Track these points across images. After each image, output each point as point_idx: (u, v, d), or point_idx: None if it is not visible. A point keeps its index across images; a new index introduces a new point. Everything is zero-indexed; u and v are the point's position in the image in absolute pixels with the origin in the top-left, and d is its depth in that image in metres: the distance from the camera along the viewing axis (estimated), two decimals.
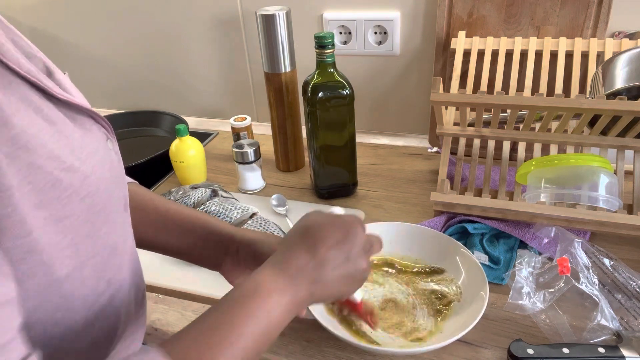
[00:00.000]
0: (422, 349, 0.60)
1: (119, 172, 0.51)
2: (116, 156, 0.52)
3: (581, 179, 0.74)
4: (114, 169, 0.49)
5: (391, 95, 1.15)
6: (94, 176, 0.43)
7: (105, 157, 0.47)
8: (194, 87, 1.32)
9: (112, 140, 0.51)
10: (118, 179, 0.50)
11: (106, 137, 0.50)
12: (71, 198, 0.41)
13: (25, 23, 1.40)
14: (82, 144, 0.43)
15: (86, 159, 0.43)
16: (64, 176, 0.40)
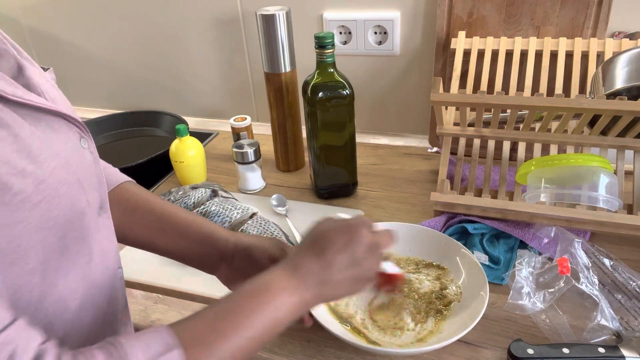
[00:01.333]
0: (422, 349, 0.60)
1: (92, 172, 0.51)
2: (91, 155, 0.51)
3: (581, 179, 0.74)
4: (84, 170, 0.48)
5: (391, 95, 1.15)
6: (52, 179, 0.42)
7: (72, 158, 0.46)
8: (194, 87, 1.32)
9: (86, 139, 0.51)
10: (91, 179, 0.50)
11: (79, 136, 0.49)
12: (23, 203, 0.40)
13: (25, 23, 1.40)
14: (42, 147, 0.42)
15: (44, 162, 0.42)
16: (15, 181, 0.39)
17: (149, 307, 0.75)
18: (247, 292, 0.49)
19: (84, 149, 0.50)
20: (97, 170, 0.52)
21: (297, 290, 0.50)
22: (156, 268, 0.80)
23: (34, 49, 1.44)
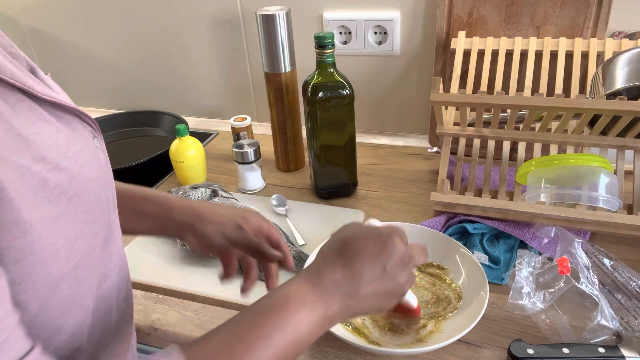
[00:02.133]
0: (422, 349, 0.60)
1: (105, 171, 0.51)
2: (103, 155, 0.51)
3: (581, 179, 0.74)
4: (100, 169, 0.48)
5: (391, 95, 1.15)
6: (80, 175, 0.43)
7: (91, 156, 0.46)
8: (194, 87, 1.32)
9: (98, 138, 0.51)
10: (105, 178, 0.50)
11: (93, 135, 0.49)
12: (60, 198, 0.40)
13: (25, 23, 1.40)
14: (68, 143, 0.42)
15: (72, 158, 0.42)
16: (51, 176, 0.39)
17: (149, 307, 0.75)
18: (264, 308, 0.46)
19: (97, 148, 0.50)
20: (108, 169, 0.52)
21: (319, 304, 0.46)
22: (156, 268, 0.80)
23: (34, 49, 1.44)
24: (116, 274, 0.52)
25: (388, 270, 0.49)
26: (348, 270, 0.48)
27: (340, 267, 0.48)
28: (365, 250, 0.49)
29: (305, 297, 0.46)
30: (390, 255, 0.49)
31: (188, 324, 0.71)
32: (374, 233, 0.51)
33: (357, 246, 0.49)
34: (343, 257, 0.49)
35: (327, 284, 0.47)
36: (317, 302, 0.46)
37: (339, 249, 0.50)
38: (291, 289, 0.47)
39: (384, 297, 0.50)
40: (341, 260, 0.49)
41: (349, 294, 0.47)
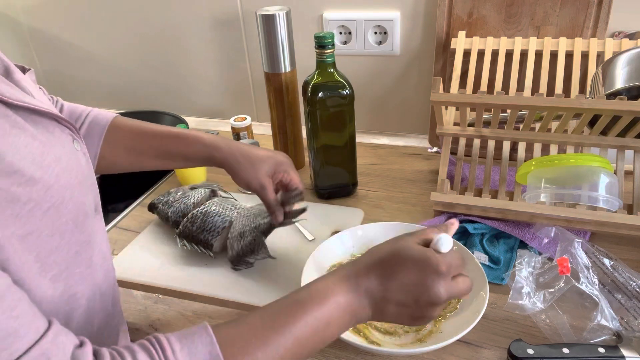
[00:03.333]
0: (422, 349, 0.60)
1: (87, 174, 0.50)
2: (84, 157, 0.50)
3: (581, 179, 0.74)
4: (81, 173, 0.48)
5: (391, 95, 1.15)
6: (57, 185, 0.42)
7: (71, 161, 0.46)
8: (194, 87, 1.32)
9: (79, 141, 0.50)
10: (86, 181, 0.49)
11: (72, 138, 0.48)
12: (32, 213, 0.39)
13: (25, 23, 1.40)
14: (44, 151, 0.41)
15: (48, 167, 0.41)
16: (22, 191, 0.38)
17: (149, 307, 0.75)
18: (301, 300, 0.47)
19: (78, 151, 0.49)
20: (90, 171, 0.52)
21: (353, 306, 0.48)
22: (156, 268, 0.80)
23: (34, 49, 1.44)
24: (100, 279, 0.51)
25: (420, 304, 0.48)
26: (383, 285, 0.48)
27: (376, 280, 0.48)
28: (407, 274, 0.48)
29: (341, 297, 0.47)
30: (426, 292, 0.48)
31: (188, 324, 0.71)
32: (421, 262, 0.48)
33: (401, 266, 0.48)
34: (384, 270, 0.49)
35: (363, 290, 0.48)
36: (351, 305, 0.47)
37: (385, 260, 0.49)
38: (330, 286, 0.48)
39: (408, 319, 0.50)
40: (381, 271, 0.49)
41: (377, 307, 0.48)
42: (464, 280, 0.51)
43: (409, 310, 0.49)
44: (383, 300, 0.48)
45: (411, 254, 0.49)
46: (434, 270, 0.48)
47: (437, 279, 0.48)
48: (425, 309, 0.49)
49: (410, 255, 0.49)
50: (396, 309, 0.49)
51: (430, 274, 0.48)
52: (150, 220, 0.93)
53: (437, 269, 0.48)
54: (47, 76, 1.49)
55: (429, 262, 0.48)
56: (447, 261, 0.48)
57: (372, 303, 0.48)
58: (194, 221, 0.81)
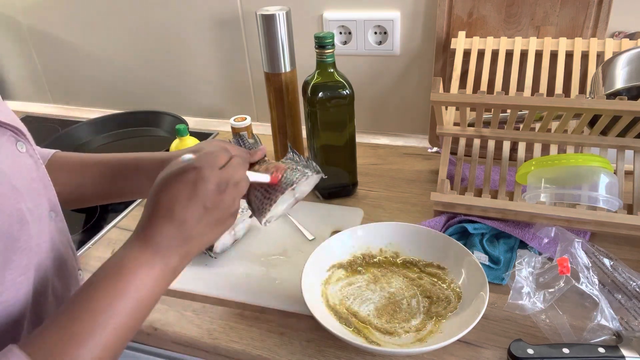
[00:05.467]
0: (422, 349, 0.60)
1: (35, 176, 0.48)
2: (31, 159, 0.49)
3: (581, 179, 0.74)
4: (24, 176, 0.46)
5: (391, 95, 1.15)
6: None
7: (5, 166, 0.44)
8: (194, 87, 1.32)
9: (23, 142, 0.48)
10: (31, 185, 0.47)
11: (15, 140, 0.47)
12: None
13: (25, 23, 1.40)
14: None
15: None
16: None
17: None
18: (98, 281, 0.44)
19: (22, 153, 0.47)
20: (40, 173, 0.50)
21: (156, 262, 0.46)
22: None
23: (34, 49, 1.44)
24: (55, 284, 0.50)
25: (209, 205, 0.48)
26: (171, 220, 0.47)
27: (163, 220, 0.47)
28: (178, 195, 0.47)
29: (138, 259, 0.46)
30: (204, 190, 0.48)
31: (188, 324, 0.71)
32: (181, 175, 0.48)
33: (171, 195, 0.47)
34: (162, 209, 0.47)
35: (158, 240, 0.47)
36: (153, 262, 0.46)
37: (156, 202, 0.48)
38: (123, 255, 0.46)
39: (217, 226, 0.50)
40: (161, 212, 0.47)
41: (183, 241, 0.47)
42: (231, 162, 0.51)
43: (210, 218, 0.48)
44: (183, 232, 0.47)
45: (169, 179, 0.48)
46: (191, 170, 0.48)
47: (197, 173, 0.48)
48: (217, 203, 0.48)
49: (169, 180, 0.48)
50: (199, 227, 0.48)
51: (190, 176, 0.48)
52: None
53: (192, 167, 0.48)
54: (46, 76, 1.49)
55: (186, 166, 0.48)
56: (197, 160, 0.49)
57: (178, 244, 0.47)
58: None
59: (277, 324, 0.70)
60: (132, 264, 0.45)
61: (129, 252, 0.46)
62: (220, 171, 0.49)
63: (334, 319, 0.67)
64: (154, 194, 0.48)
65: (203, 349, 0.69)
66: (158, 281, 0.46)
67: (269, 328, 0.69)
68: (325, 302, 0.69)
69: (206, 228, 0.49)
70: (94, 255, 0.87)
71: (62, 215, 0.54)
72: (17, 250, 0.45)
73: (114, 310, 0.42)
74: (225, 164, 0.50)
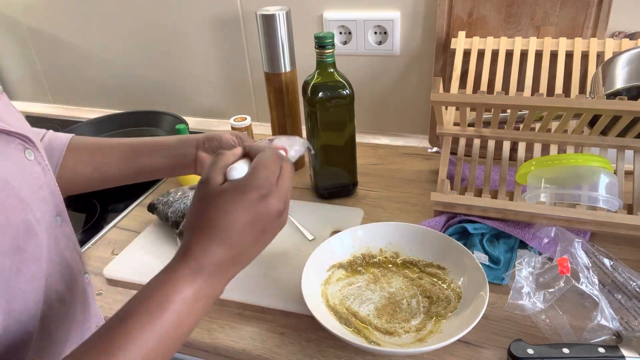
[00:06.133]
0: (422, 349, 0.60)
1: (42, 183, 0.48)
2: (39, 166, 0.48)
3: (581, 179, 0.74)
4: (32, 184, 0.46)
5: (391, 95, 1.15)
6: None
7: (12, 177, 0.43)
8: (194, 87, 1.32)
9: (32, 149, 0.48)
10: (39, 194, 0.47)
11: (23, 148, 0.46)
12: None
13: (25, 23, 1.40)
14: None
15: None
16: None
17: None
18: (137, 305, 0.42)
19: (30, 161, 0.47)
20: (47, 180, 0.50)
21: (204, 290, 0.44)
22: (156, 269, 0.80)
23: (34, 49, 1.44)
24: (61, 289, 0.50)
25: (267, 229, 0.46)
26: (227, 246, 0.44)
27: (216, 244, 0.44)
28: (237, 220, 0.44)
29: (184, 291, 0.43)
30: (266, 217, 0.45)
31: None
32: (242, 198, 0.44)
33: (228, 218, 0.44)
34: (217, 232, 0.44)
35: (208, 269, 0.44)
36: (200, 291, 0.43)
37: (209, 224, 0.44)
38: (168, 285, 0.43)
39: (267, 243, 0.48)
40: (215, 235, 0.44)
41: (234, 266, 0.45)
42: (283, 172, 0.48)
43: (264, 239, 0.47)
44: (237, 256, 0.45)
45: (225, 202, 0.44)
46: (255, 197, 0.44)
47: (263, 202, 0.45)
48: (274, 227, 0.47)
49: (225, 204, 0.44)
50: (252, 250, 0.46)
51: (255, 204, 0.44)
52: (150, 220, 0.93)
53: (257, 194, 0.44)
54: (46, 76, 1.49)
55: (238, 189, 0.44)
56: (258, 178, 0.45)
57: (228, 269, 0.45)
58: None
59: (277, 324, 0.70)
60: (176, 297, 0.42)
61: (174, 283, 0.43)
62: (280, 191, 0.46)
63: (334, 319, 0.67)
64: (207, 209, 0.45)
65: (203, 349, 0.69)
66: (200, 314, 0.44)
67: (269, 328, 0.69)
68: (325, 302, 0.69)
69: (259, 249, 0.47)
70: (94, 255, 0.87)
71: (68, 220, 0.54)
72: (25, 260, 0.44)
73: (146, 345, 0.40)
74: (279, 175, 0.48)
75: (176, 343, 0.43)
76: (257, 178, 0.45)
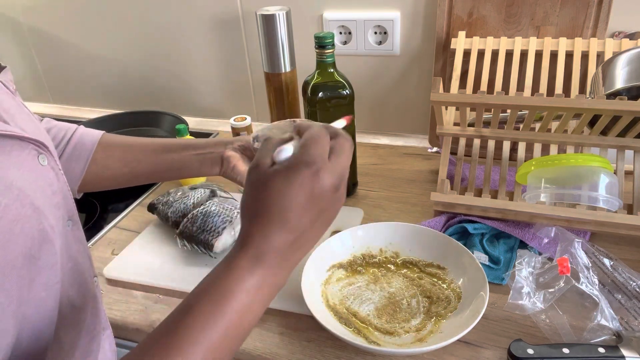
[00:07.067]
0: (422, 349, 0.60)
1: (56, 189, 0.47)
2: (52, 171, 0.48)
3: (581, 179, 0.74)
4: (45, 191, 0.45)
5: (391, 95, 1.15)
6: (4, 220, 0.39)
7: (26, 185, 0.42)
8: (194, 87, 1.32)
9: (46, 154, 0.47)
10: (54, 198, 0.47)
11: (37, 153, 0.46)
12: None
13: (25, 23, 1.40)
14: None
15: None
16: None
17: (149, 307, 0.75)
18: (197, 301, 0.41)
19: (44, 167, 0.46)
20: (60, 185, 0.49)
21: (267, 279, 0.42)
22: (156, 268, 0.80)
23: (34, 49, 1.44)
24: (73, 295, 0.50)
25: (324, 207, 0.43)
26: (286, 230, 0.42)
27: (276, 231, 0.42)
28: (293, 202, 0.41)
29: (248, 281, 0.41)
30: (321, 194, 0.42)
31: None
32: (294, 176, 0.41)
33: (283, 201, 0.41)
34: (274, 218, 0.42)
35: (270, 257, 0.42)
36: (264, 280, 0.42)
37: (265, 212, 0.42)
38: (230, 276, 0.41)
39: (327, 224, 0.46)
40: (274, 224, 0.42)
41: (295, 251, 0.43)
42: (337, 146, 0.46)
43: (323, 220, 0.44)
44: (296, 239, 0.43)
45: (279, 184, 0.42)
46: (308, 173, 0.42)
47: (316, 177, 0.42)
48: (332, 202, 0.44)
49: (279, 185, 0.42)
50: (312, 232, 0.44)
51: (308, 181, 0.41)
52: (150, 220, 0.93)
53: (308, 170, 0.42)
54: (47, 76, 1.49)
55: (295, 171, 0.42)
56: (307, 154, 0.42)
57: (289, 254, 0.43)
58: (194, 221, 0.81)
59: (277, 324, 0.70)
60: (238, 287, 0.41)
61: (235, 273, 0.41)
62: (333, 164, 0.44)
63: (334, 319, 0.67)
64: (260, 195, 0.42)
65: None
66: (263, 304, 0.42)
67: (269, 328, 0.69)
68: (325, 302, 0.69)
69: (320, 230, 0.44)
70: (94, 255, 0.87)
71: (79, 223, 0.53)
72: (40, 268, 0.44)
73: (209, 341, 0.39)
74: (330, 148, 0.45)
75: (242, 334, 0.42)
76: (306, 154, 0.42)
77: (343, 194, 0.46)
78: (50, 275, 0.46)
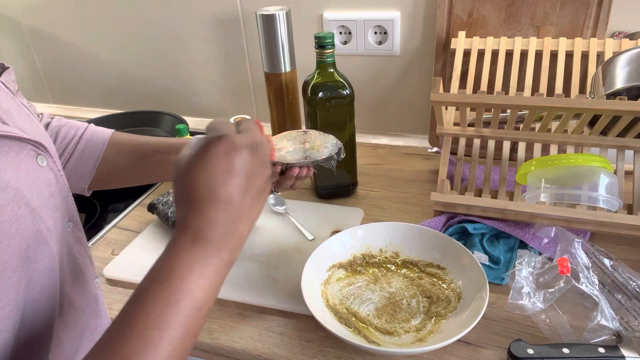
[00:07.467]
0: (422, 349, 0.60)
1: (54, 191, 0.47)
2: (51, 172, 0.48)
3: (581, 179, 0.74)
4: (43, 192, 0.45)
5: (391, 95, 1.15)
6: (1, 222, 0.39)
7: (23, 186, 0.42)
8: (194, 87, 1.32)
9: (44, 155, 0.47)
10: (50, 201, 0.47)
11: (35, 154, 0.46)
12: None
13: (25, 23, 1.40)
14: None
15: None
16: None
17: None
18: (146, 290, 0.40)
19: (42, 167, 0.46)
20: (59, 186, 0.49)
21: (209, 255, 0.41)
22: None
23: (34, 49, 1.44)
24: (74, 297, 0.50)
25: (248, 173, 0.44)
26: (215, 203, 0.42)
27: (206, 205, 0.42)
28: (215, 172, 0.43)
29: (186, 259, 0.41)
30: (240, 159, 0.44)
31: None
32: (210, 149, 0.44)
33: (204, 174, 0.43)
34: (201, 193, 0.42)
35: (206, 231, 0.42)
36: (205, 257, 0.41)
37: (191, 188, 0.43)
38: (168, 259, 0.41)
39: (260, 196, 0.46)
40: (201, 197, 0.42)
41: (233, 224, 0.43)
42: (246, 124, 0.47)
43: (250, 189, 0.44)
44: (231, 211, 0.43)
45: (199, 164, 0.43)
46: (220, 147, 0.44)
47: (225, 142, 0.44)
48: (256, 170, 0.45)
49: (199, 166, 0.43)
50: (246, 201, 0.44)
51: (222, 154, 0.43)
52: (150, 220, 0.93)
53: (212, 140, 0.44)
54: (46, 76, 1.49)
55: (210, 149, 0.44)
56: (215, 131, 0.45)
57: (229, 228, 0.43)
58: None
59: (277, 324, 0.70)
60: (180, 266, 0.40)
61: (175, 254, 0.41)
62: (242, 133, 0.46)
63: (334, 319, 0.67)
64: (184, 181, 0.44)
65: (203, 349, 0.69)
66: (213, 280, 0.41)
67: (269, 328, 0.69)
68: (325, 302, 0.69)
69: (253, 201, 0.45)
70: (94, 255, 0.87)
71: (80, 224, 0.53)
72: (36, 271, 0.44)
73: (166, 323, 0.38)
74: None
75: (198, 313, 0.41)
76: (213, 131, 0.45)
77: (266, 162, 0.47)
78: (46, 277, 0.46)
